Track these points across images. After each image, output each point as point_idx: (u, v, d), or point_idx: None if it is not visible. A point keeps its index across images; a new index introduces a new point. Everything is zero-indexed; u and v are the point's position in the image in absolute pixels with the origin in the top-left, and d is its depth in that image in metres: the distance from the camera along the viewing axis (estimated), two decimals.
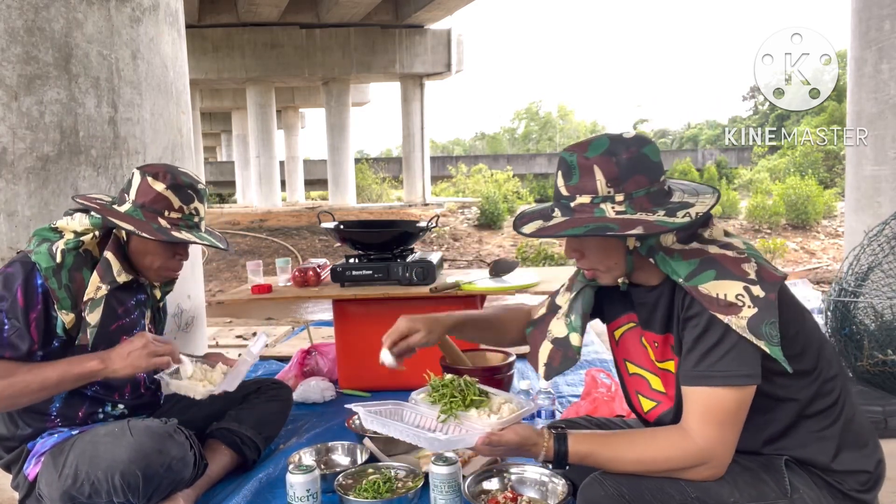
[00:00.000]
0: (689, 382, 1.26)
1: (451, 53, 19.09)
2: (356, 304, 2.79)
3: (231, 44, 18.49)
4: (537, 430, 1.37)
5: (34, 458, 1.71)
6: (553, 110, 56.51)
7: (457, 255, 12.37)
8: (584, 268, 1.41)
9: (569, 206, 1.29)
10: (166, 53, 2.64)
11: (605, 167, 1.26)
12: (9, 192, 2.21)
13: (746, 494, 1.26)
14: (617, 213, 1.26)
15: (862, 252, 2.76)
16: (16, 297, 1.62)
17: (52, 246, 1.68)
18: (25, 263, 1.65)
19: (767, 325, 1.19)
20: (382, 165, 27.14)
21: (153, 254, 1.78)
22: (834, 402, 1.31)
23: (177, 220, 1.75)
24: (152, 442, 1.63)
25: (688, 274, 1.25)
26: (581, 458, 1.33)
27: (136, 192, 1.75)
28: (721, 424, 1.22)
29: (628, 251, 1.33)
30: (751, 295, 1.20)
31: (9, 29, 2.17)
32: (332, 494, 1.80)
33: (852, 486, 1.30)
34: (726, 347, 1.21)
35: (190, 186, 1.78)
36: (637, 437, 1.33)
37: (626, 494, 1.24)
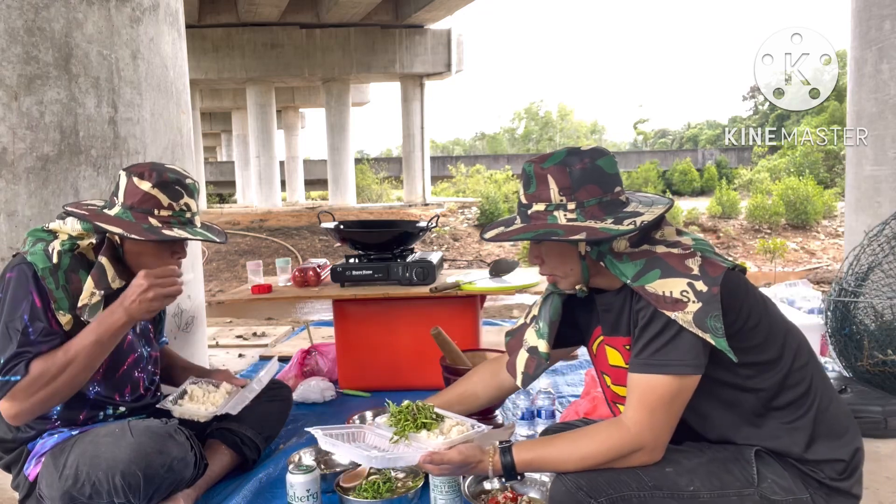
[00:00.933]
0: (632, 369, 1.32)
1: (451, 53, 19.09)
2: (356, 304, 2.79)
3: (231, 44, 18.50)
4: (483, 449, 1.45)
5: (34, 458, 1.70)
6: (553, 110, 56.49)
7: (457, 255, 12.37)
8: (545, 273, 1.47)
9: (526, 213, 1.38)
10: (166, 53, 2.64)
11: (557, 177, 1.34)
12: (9, 192, 2.21)
13: (708, 484, 1.29)
14: (568, 220, 1.33)
15: (862, 252, 2.76)
16: (33, 300, 1.61)
17: (47, 246, 1.67)
18: (28, 265, 1.64)
19: (712, 319, 1.24)
20: (382, 165, 27.15)
21: (149, 255, 1.73)
22: (804, 392, 1.34)
23: (167, 217, 1.70)
24: (153, 442, 1.63)
25: (634, 274, 1.31)
26: (528, 465, 1.41)
27: (124, 194, 1.71)
28: (652, 411, 1.27)
29: (581, 257, 1.39)
30: (694, 290, 1.25)
31: (9, 29, 2.17)
32: (332, 494, 1.80)
33: (828, 474, 1.32)
34: (667, 338, 1.26)
35: (177, 182, 1.73)
36: (578, 436, 1.38)
37: (584, 487, 1.29)
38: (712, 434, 1.38)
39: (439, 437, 1.50)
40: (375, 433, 1.59)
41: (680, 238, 1.38)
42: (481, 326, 2.92)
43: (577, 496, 1.28)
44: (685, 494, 1.28)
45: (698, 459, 1.33)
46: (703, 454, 1.34)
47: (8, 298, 1.61)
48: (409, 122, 20.00)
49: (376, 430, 1.59)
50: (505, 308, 5.03)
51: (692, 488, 1.28)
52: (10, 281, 1.62)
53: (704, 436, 1.39)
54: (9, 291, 1.62)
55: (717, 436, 1.37)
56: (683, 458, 1.33)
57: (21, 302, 1.60)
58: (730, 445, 1.36)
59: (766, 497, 1.28)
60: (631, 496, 1.27)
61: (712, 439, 1.38)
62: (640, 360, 1.30)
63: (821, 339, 2.69)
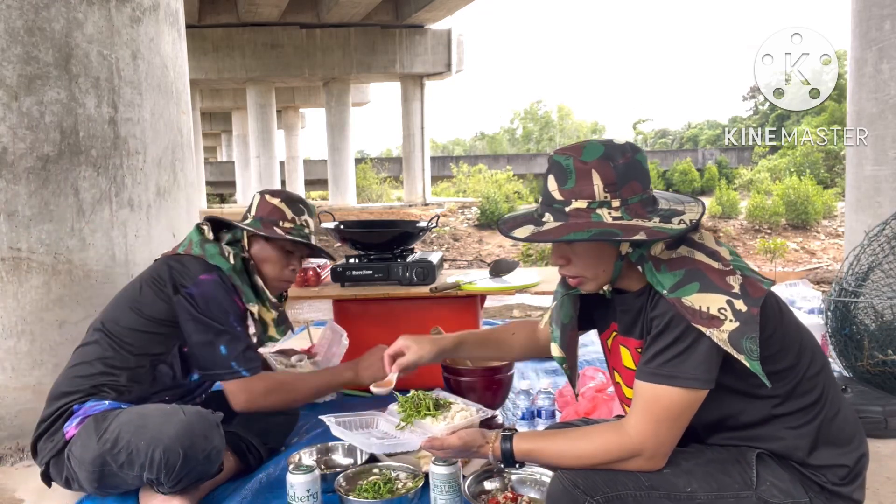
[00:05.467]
0: (639, 377, 1.29)
1: (451, 53, 19.09)
2: (356, 304, 2.79)
3: (231, 44, 18.49)
4: (484, 434, 1.45)
5: (77, 418, 1.73)
6: (553, 111, 56.50)
7: (457, 255, 12.37)
8: (569, 275, 1.39)
9: (563, 210, 1.28)
10: (166, 53, 2.64)
11: (603, 172, 1.26)
12: (9, 192, 2.21)
13: (706, 485, 1.27)
14: (614, 218, 1.26)
15: (862, 252, 2.76)
16: (237, 305, 1.90)
17: (222, 249, 1.92)
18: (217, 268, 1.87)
19: (748, 340, 1.20)
20: (383, 165, 27.15)
21: (271, 262, 1.99)
22: (815, 400, 1.32)
23: (290, 229, 1.98)
24: (202, 426, 1.66)
25: (672, 285, 1.25)
26: (526, 455, 1.40)
27: (256, 209, 2.01)
28: (658, 421, 1.25)
29: (619, 258, 1.33)
30: (733, 309, 1.21)
31: (9, 29, 2.17)
32: (332, 494, 1.79)
33: (830, 479, 1.31)
34: (679, 349, 1.23)
35: (300, 201, 2.05)
36: (578, 435, 1.37)
37: (581, 485, 1.27)
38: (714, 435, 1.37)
39: (442, 422, 1.53)
40: (386, 419, 1.63)
41: (718, 248, 1.31)
42: (481, 326, 2.92)
43: (574, 494, 1.27)
44: (682, 496, 1.27)
45: (696, 460, 1.31)
46: (703, 455, 1.33)
47: (214, 302, 1.85)
48: (409, 122, 19.99)
49: (388, 417, 1.62)
50: (505, 308, 5.02)
51: (689, 489, 1.27)
52: (204, 284, 1.85)
53: (706, 436, 1.38)
54: (210, 294, 1.85)
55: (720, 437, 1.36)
56: (682, 459, 1.32)
57: (232, 305, 1.88)
58: (731, 447, 1.34)
59: (763, 500, 1.27)
60: (627, 496, 1.26)
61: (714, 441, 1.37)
62: (650, 368, 1.27)
63: (821, 340, 2.69)
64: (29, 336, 2.28)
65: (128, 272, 2.44)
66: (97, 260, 2.38)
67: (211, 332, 1.84)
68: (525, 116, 57.06)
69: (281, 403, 1.98)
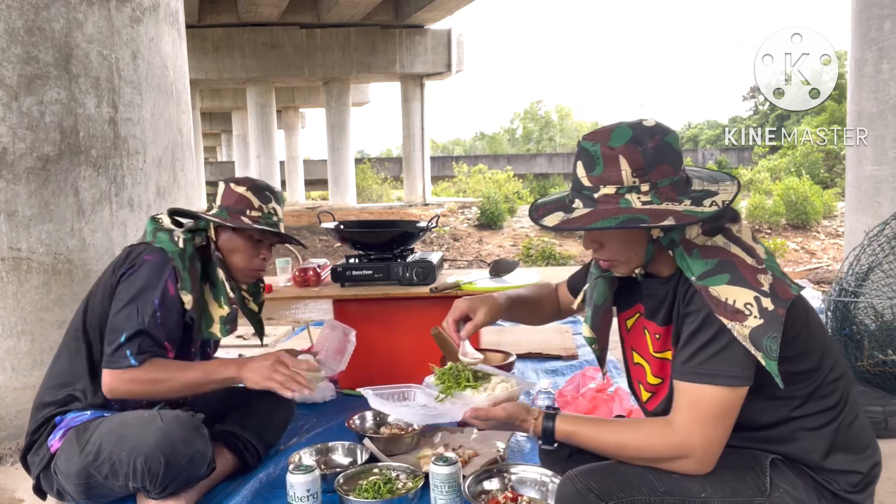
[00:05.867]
0: (679, 377, 1.27)
1: (451, 53, 19.08)
2: (356, 304, 2.79)
3: (231, 44, 18.48)
4: (528, 408, 1.41)
5: (60, 431, 1.72)
6: (553, 111, 56.48)
7: (457, 255, 12.37)
8: (602, 258, 1.39)
9: (592, 197, 1.28)
10: (166, 53, 2.64)
11: (630, 157, 1.24)
12: (9, 192, 2.21)
13: (720, 491, 1.26)
14: (643, 203, 1.24)
15: (862, 252, 2.76)
16: (166, 286, 1.78)
17: (172, 234, 1.85)
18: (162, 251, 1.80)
19: (769, 339, 1.18)
20: (383, 165, 27.14)
21: (240, 251, 1.95)
22: (834, 404, 1.31)
23: (257, 217, 1.93)
24: (181, 431, 1.64)
25: (702, 273, 1.24)
26: (567, 437, 1.37)
27: (222, 198, 1.96)
28: (705, 421, 1.23)
29: (650, 241, 1.32)
30: (759, 306, 1.20)
31: (9, 29, 2.17)
32: (332, 494, 1.80)
33: (843, 486, 1.30)
34: (718, 346, 1.22)
35: (267, 188, 1.99)
36: (622, 425, 1.36)
37: (595, 489, 1.26)
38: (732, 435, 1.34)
39: (483, 394, 1.49)
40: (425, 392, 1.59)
41: (755, 245, 1.29)
42: None
43: (587, 498, 1.25)
44: (696, 501, 1.25)
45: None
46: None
47: (142, 277, 1.76)
48: (409, 122, 19.98)
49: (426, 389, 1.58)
50: None
51: (703, 495, 1.25)
52: (147, 263, 1.78)
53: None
54: (144, 272, 1.76)
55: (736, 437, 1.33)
56: None
57: (156, 286, 1.76)
58: (745, 451, 1.33)
59: None
60: (641, 501, 1.25)
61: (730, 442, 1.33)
62: (689, 367, 1.24)
63: None
64: (29, 336, 2.28)
65: None
66: (97, 260, 2.38)
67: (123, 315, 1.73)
68: (525, 116, 57.06)
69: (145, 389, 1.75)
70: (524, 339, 3.54)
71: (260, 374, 1.79)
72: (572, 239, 14.24)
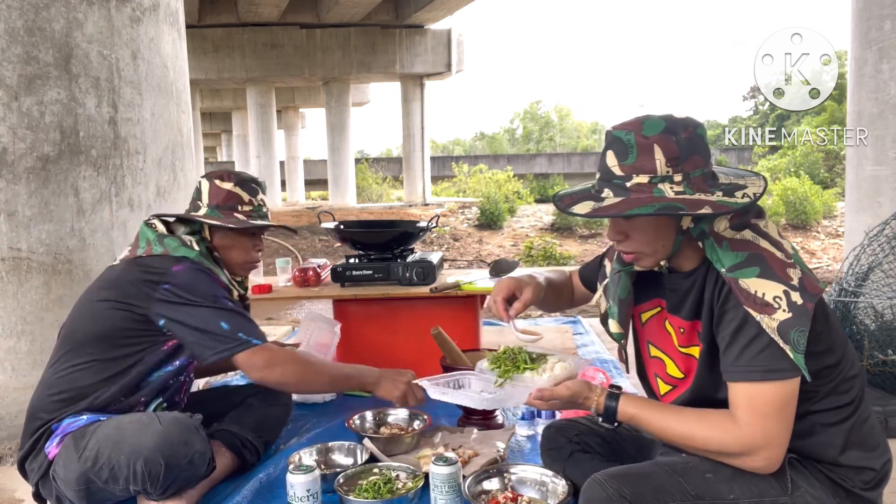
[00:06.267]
0: (731, 378, 1.26)
1: (451, 53, 19.08)
2: (356, 304, 2.79)
3: (231, 44, 18.49)
4: (591, 385, 1.40)
5: (57, 437, 1.71)
6: (552, 111, 56.49)
7: (457, 255, 12.37)
8: (626, 251, 1.37)
9: (624, 186, 1.27)
10: (166, 53, 2.64)
11: (665, 146, 1.24)
12: (9, 192, 2.21)
13: (747, 492, 1.26)
14: (676, 193, 1.24)
15: (862, 252, 2.76)
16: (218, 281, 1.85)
17: (182, 240, 1.87)
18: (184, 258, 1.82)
19: (797, 332, 1.19)
20: (383, 165, 27.13)
21: (236, 247, 1.97)
22: (850, 401, 1.32)
23: (250, 212, 1.96)
24: (180, 433, 1.63)
25: (732, 265, 1.25)
26: (629, 418, 1.36)
27: (209, 196, 1.95)
28: (765, 416, 1.22)
29: (679, 232, 1.32)
30: (789, 299, 1.20)
31: (9, 29, 2.17)
32: (332, 494, 1.79)
33: (856, 483, 1.30)
34: (765, 341, 1.21)
35: (253, 181, 2.02)
36: (687, 414, 1.34)
37: (628, 495, 1.24)
38: None
39: (544, 374, 1.47)
40: (481, 378, 1.57)
41: (781, 240, 1.30)
42: (481, 326, 2.92)
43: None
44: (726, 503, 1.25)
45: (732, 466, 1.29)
46: None
47: (197, 286, 1.78)
48: (409, 122, 19.98)
49: (481, 375, 1.56)
50: None
51: (732, 497, 1.25)
52: (180, 273, 1.79)
53: None
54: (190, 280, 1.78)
55: None
56: (721, 465, 1.30)
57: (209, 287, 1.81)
58: None
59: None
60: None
61: None
62: (740, 366, 1.24)
63: None
64: (29, 336, 2.28)
65: None
66: (97, 260, 2.38)
67: (205, 314, 1.76)
68: (525, 116, 57.07)
69: (298, 376, 1.87)
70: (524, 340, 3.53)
71: (392, 390, 1.96)
72: (572, 239, 14.23)
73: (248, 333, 1.79)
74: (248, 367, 1.81)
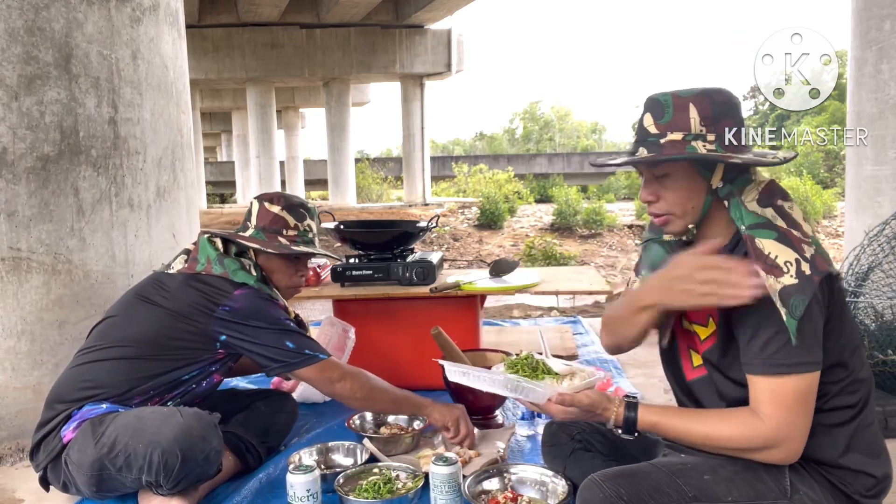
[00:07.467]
0: (754, 371, 1.26)
1: (451, 53, 19.09)
2: (356, 304, 2.79)
3: (231, 44, 18.49)
4: (609, 397, 1.40)
5: (75, 422, 1.72)
6: (552, 111, 56.47)
7: (457, 255, 12.37)
8: (658, 212, 1.39)
9: (658, 143, 1.31)
10: (166, 53, 2.64)
11: (700, 106, 1.29)
12: (9, 192, 2.21)
13: (745, 493, 1.26)
14: (708, 150, 1.28)
15: (862, 252, 2.76)
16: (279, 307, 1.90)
17: (242, 264, 1.91)
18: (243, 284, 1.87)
19: (797, 299, 1.20)
20: (383, 165, 27.13)
21: (279, 272, 2.00)
22: (855, 402, 1.32)
23: (294, 237, 1.98)
24: (200, 428, 1.65)
25: (752, 224, 1.27)
26: (650, 427, 1.36)
27: (257, 218, 2.00)
28: (789, 408, 1.23)
29: (710, 192, 1.34)
30: (798, 268, 1.22)
31: (9, 29, 2.17)
32: (332, 494, 1.80)
33: (857, 488, 1.30)
34: (785, 337, 1.22)
35: (301, 206, 2.04)
36: (708, 415, 1.34)
37: (625, 496, 1.24)
38: None
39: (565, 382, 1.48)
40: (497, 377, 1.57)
41: (803, 223, 1.31)
42: (481, 326, 2.92)
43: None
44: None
45: (734, 467, 1.30)
46: (737, 461, 1.31)
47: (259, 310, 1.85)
48: (409, 122, 19.99)
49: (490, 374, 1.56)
50: (505, 308, 5.02)
51: (730, 499, 1.26)
52: (241, 298, 1.84)
53: None
54: (251, 306, 1.84)
55: None
56: (719, 467, 1.30)
57: (276, 308, 1.89)
58: None
59: None
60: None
61: None
62: (763, 359, 1.24)
63: None
64: (29, 336, 2.28)
65: (128, 272, 2.45)
66: (97, 260, 2.38)
67: (271, 333, 1.85)
68: (525, 116, 57.07)
69: (365, 392, 1.95)
70: (524, 339, 3.54)
71: (446, 417, 2.01)
72: (572, 239, 14.22)
73: (314, 349, 1.89)
74: (320, 380, 1.91)
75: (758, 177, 1.36)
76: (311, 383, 1.93)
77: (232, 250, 1.98)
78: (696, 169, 1.33)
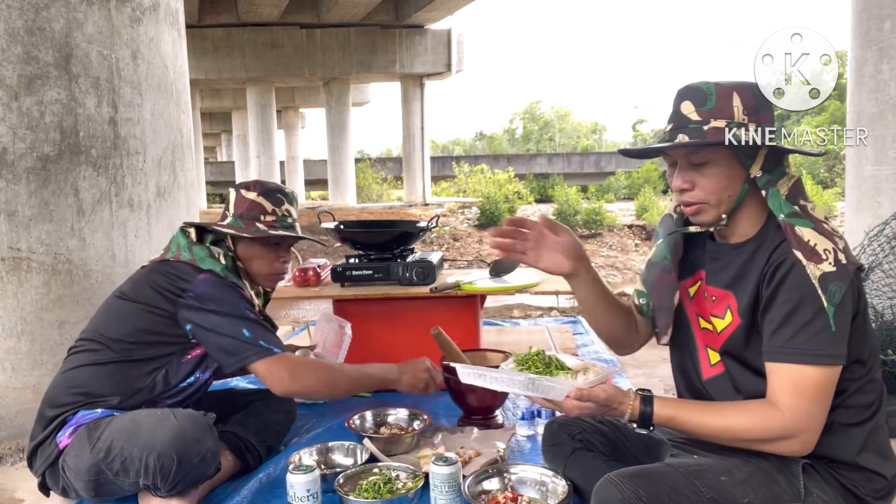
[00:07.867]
0: (778, 358, 1.26)
1: (451, 53, 19.09)
2: (356, 304, 2.79)
3: (231, 44, 18.49)
4: (625, 391, 1.38)
5: (70, 427, 1.72)
6: (551, 111, 56.48)
7: (457, 255, 12.37)
8: (692, 201, 1.36)
9: (700, 129, 1.30)
10: (166, 53, 2.64)
11: (743, 95, 1.31)
12: (9, 192, 2.21)
13: (761, 496, 1.26)
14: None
15: (862, 252, 2.76)
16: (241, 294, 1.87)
17: (210, 251, 1.88)
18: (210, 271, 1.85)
19: (836, 286, 1.21)
20: (383, 165, 27.13)
21: (259, 258, 1.97)
22: (870, 402, 1.32)
23: (272, 222, 1.95)
24: (195, 430, 1.64)
25: (790, 213, 1.28)
26: (666, 421, 1.35)
27: (234, 206, 1.97)
28: (810, 399, 1.23)
29: (748, 181, 1.34)
30: (836, 256, 1.23)
31: (9, 29, 2.17)
32: (332, 494, 1.79)
33: (867, 490, 1.30)
34: (819, 326, 1.22)
35: (278, 191, 2.00)
36: (725, 408, 1.33)
37: (644, 497, 1.23)
38: None
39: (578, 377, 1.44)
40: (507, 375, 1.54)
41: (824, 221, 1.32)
42: (481, 326, 2.92)
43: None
44: None
45: (748, 468, 1.30)
46: (750, 462, 1.30)
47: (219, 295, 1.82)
48: (409, 122, 19.99)
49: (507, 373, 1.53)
50: (505, 308, 5.02)
51: (747, 500, 1.25)
52: (203, 282, 1.83)
53: None
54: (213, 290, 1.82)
55: None
56: (734, 468, 1.30)
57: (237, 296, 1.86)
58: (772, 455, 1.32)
59: None
60: None
61: None
62: (792, 348, 1.24)
63: None
64: (29, 336, 2.28)
65: (128, 272, 2.44)
66: (97, 260, 2.38)
67: (228, 321, 1.81)
68: (525, 116, 57.07)
69: (322, 384, 1.93)
70: (524, 339, 3.54)
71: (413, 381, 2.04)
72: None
73: (269, 342, 1.84)
74: (273, 380, 1.85)
75: (790, 171, 1.36)
76: (266, 382, 1.86)
77: (207, 239, 1.96)
78: (737, 157, 1.32)
